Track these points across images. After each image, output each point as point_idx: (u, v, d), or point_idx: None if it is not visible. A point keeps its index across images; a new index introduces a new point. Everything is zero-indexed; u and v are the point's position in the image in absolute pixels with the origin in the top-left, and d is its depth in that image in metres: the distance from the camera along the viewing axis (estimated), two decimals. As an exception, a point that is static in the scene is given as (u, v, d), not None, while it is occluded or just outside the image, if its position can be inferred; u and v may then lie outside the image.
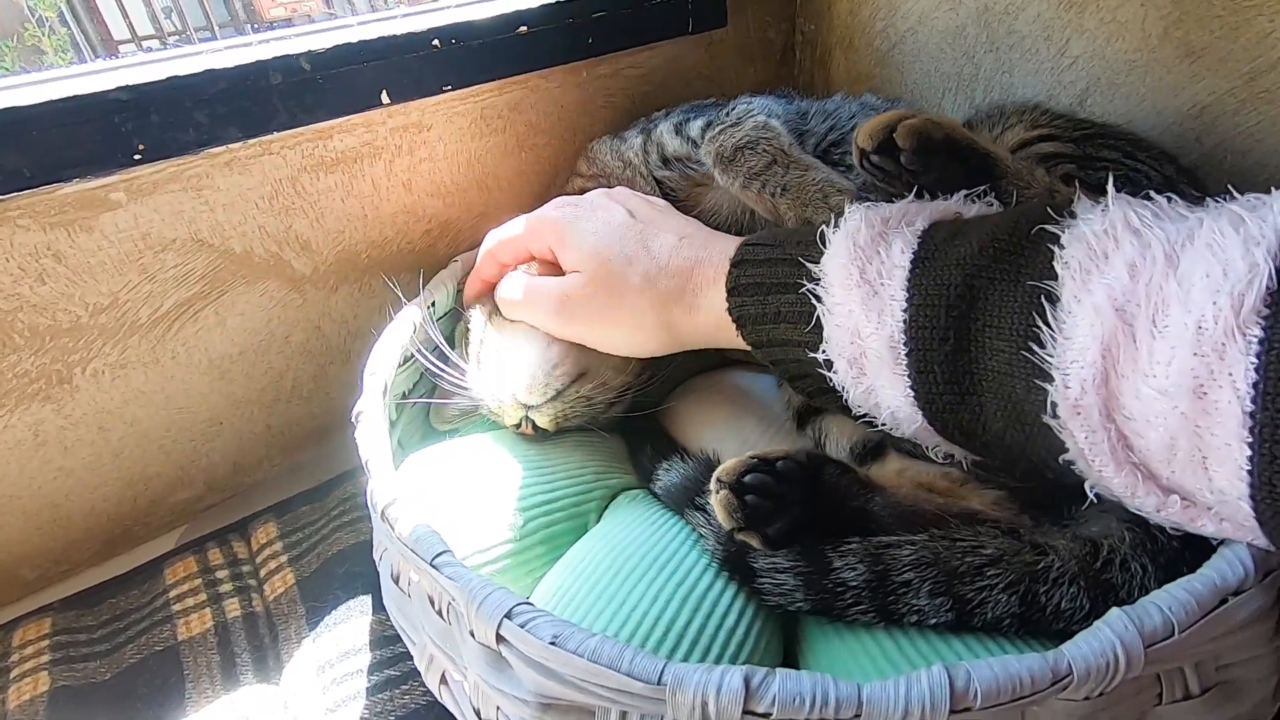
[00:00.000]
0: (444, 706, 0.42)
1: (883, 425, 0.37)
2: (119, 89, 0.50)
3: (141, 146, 0.52)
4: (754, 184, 0.50)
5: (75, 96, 0.49)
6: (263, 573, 0.57)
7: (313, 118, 0.57)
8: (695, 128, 0.58)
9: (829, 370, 0.37)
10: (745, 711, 0.26)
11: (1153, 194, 0.30)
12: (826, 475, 0.40)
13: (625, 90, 0.75)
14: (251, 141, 0.56)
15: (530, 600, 0.31)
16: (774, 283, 0.39)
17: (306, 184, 0.60)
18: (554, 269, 0.50)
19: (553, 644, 0.28)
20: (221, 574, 0.57)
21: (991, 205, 0.37)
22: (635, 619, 0.36)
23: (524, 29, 0.64)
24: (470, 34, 0.61)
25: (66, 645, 0.52)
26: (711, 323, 0.43)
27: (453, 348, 0.54)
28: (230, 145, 0.56)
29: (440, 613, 0.36)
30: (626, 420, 0.55)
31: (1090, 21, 0.62)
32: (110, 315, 0.56)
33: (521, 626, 0.29)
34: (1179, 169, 0.49)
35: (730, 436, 0.53)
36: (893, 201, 0.41)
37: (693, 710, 0.27)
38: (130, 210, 0.54)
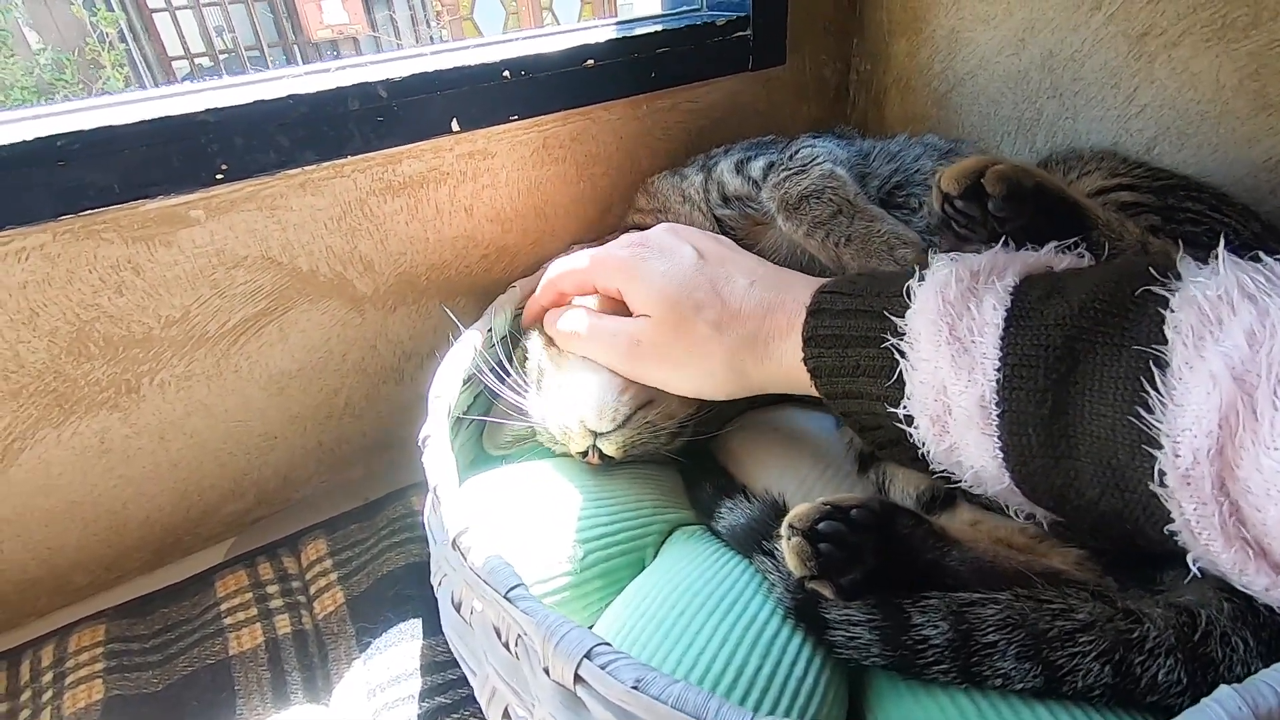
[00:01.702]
0: (496, 738, 0.42)
1: (961, 483, 0.36)
2: (206, 111, 0.52)
3: (224, 167, 0.53)
4: (818, 233, 0.50)
5: (165, 117, 0.51)
6: (313, 590, 0.57)
7: (385, 143, 0.59)
8: (757, 168, 0.58)
9: (908, 426, 0.36)
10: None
11: (1262, 255, 0.30)
12: (900, 526, 0.39)
13: (682, 124, 0.76)
14: (326, 164, 0.58)
15: (609, 641, 0.30)
16: (854, 335, 0.38)
17: (374, 206, 0.62)
18: (617, 305, 0.50)
19: (635, 688, 0.28)
20: (272, 589, 0.57)
21: (1083, 257, 0.37)
22: (704, 661, 0.35)
23: (591, 62, 0.65)
24: (539, 66, 0.62)
25: (120, 654, 0.52)
26: (784, 371, 0.42)
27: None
28: (306, 167, 0.57)
29: (507, 645, 0.35)
30: (681, 454, 0.55)
31: (1161, 71, 0.62)
32: (180, 328, 0.57)
33: (602, 669, 0.29)
34: (1264, 226, 0.48)
35: (788, 476, 0.52)
36: (965, 250, 0.41)
37: (780, 766, 0.26)
38: (208, 227, 0.56)
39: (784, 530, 0.38)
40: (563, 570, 0.44)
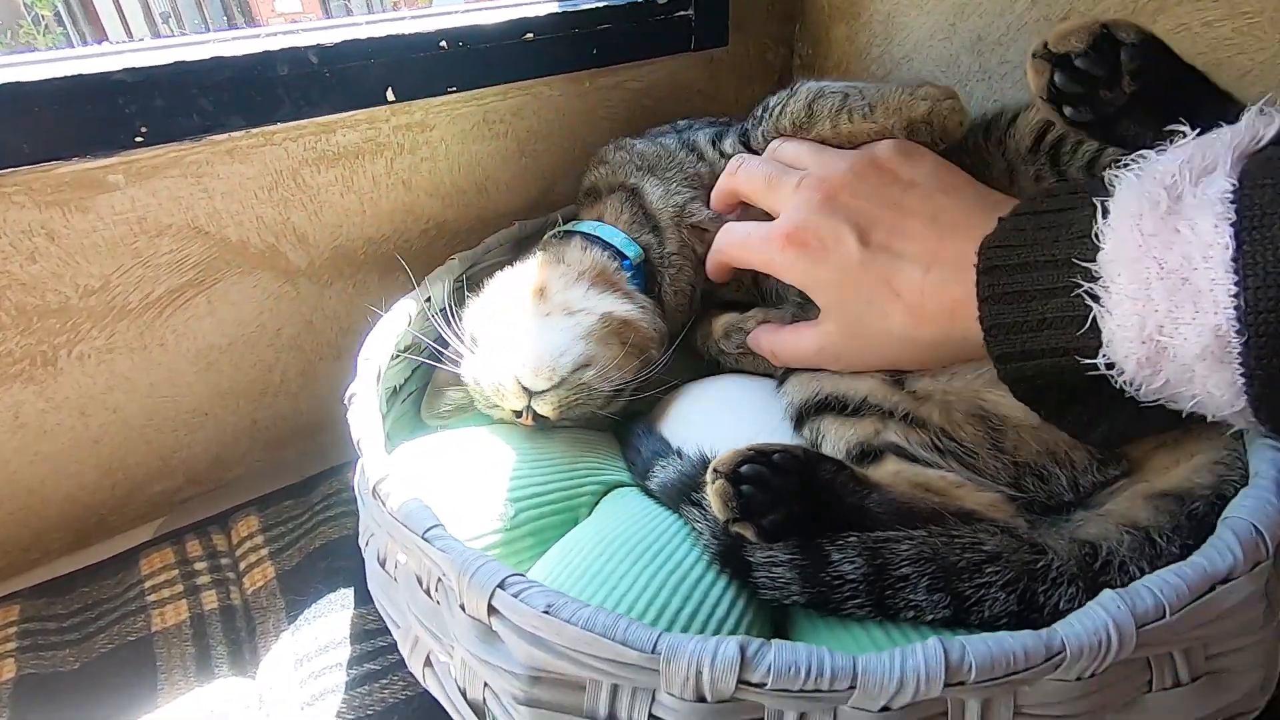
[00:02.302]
0: (424, 699, 0.41)
1: (1183, 411, 0.33)
2: (123, 70, 0.50)
3: (143, 129, 0.52)
4: (842, 117, 0.50)
5: (78, 76, 0.49)
6: (242, 565, 0.55)
7: (317, 111, 0.58)
8: (728, 144, 0.59)
9: (1110, 371, 0.32)
10: (740, 681, 0.26)
11: None
12: (823, 471, 0.40)
13: (626, 101, 0.77)
14: (255, 131, 0.57)
15: (524, 574, 0.30)
16: (1038, 289, 0.34)
17: (307, 176, 0.61)
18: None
19: (546, 613, 0.28)
20: (200, 565, 0.55)
21: None
22: (626, 604, 0.36)
23: (530, 36, 0.65)
24: (477, 38, 0.62)
25: (35, 633, 0.50)
26: (972, 344, 0.38)
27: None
28: (233, 134, 0.56)
29: (428, 591, 0.35)
30: (620, 419, 0.55)
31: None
32: (100, 298, 0.56)
33: (515, 596, 0.29)
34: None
35: (724, 437, 0.52)
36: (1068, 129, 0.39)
37: (686, 680, 0.26)
38: (128, 193, 0.54)
39: (708, 475, 0.38)
40: (493, 528, 0.43)
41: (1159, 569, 0.33)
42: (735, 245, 0.51)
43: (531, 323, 0.51)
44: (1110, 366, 0.32)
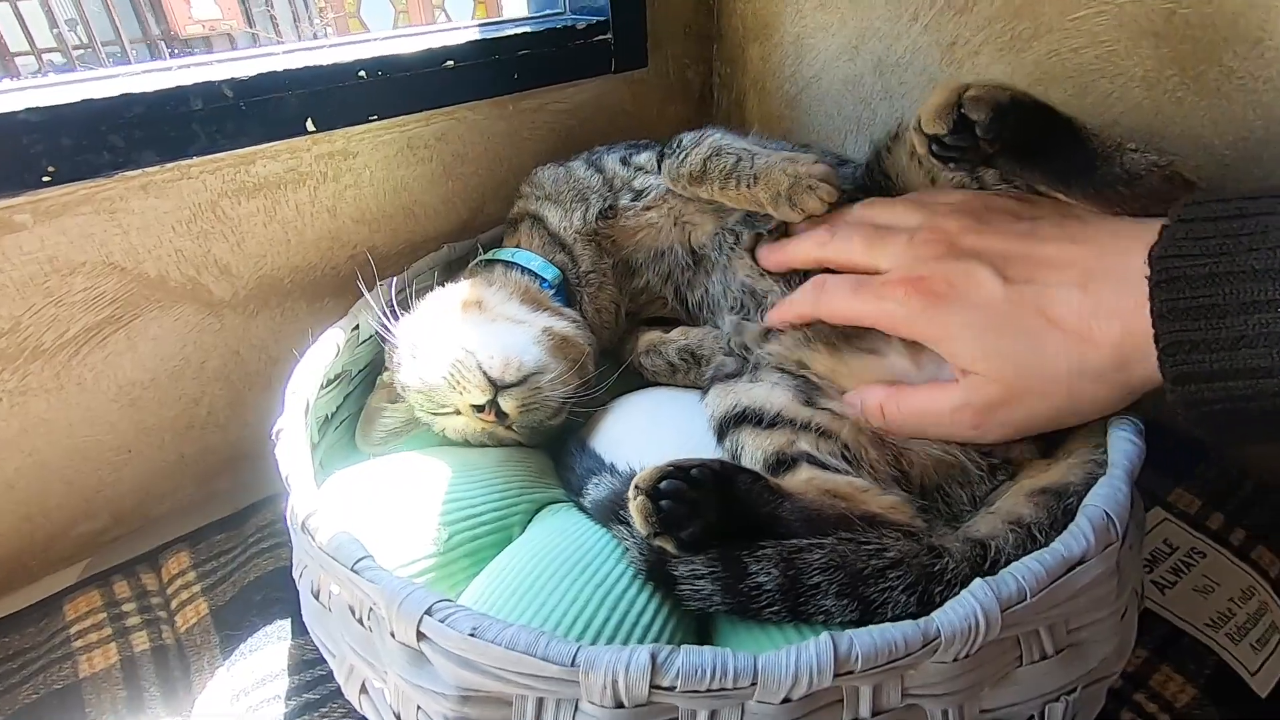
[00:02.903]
0: (365, 723, 0.42)
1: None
2: (27, 110, 0.49)
3: (51, 169, 0.51)
4: (729, 184, 0.53)
5: (-20, 115, 0.48)
6: (174, 604, 0.55)
7: (235, 143, 0.58)
8: (642, 159, 0.62)
9: None
10: (653, 686, 0.28)
11: None
12: (739, 483, 0.43)
13: (550, 124, 0.79)
14: (169, 165, 0.56)
15: (452, 600, 0.32)
16: (1236, 302, 0.31)
17: (227, 208, 0.60)
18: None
19: (472, 635, 0.30)
20: (128, 607, 0.54)
21: None
22: (554, 619, 0.38)
23: (451, 63, 0.66)
24: (396, 66, 0.63)
25: (-49, 689, 0.48)
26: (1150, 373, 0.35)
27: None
28: (146, 169, 0.55)
29: (361, 620, 0.36)
30: (553, 437, 0.57)
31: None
32: (10, 340, 0.54)
33: (442, 622, 0.31)
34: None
35: (651, 450, 0.55)
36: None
37: (604, 689, 0.28)
38: (36, 232, 0.53)
39: (630, 492, 0.40)
40: (427, 552, 0.45)
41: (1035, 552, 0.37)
42: (840, 299, 0.44)
43: (484, 326, 0.53)
44: None
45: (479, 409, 0.51)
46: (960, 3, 0.67)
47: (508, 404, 0.50)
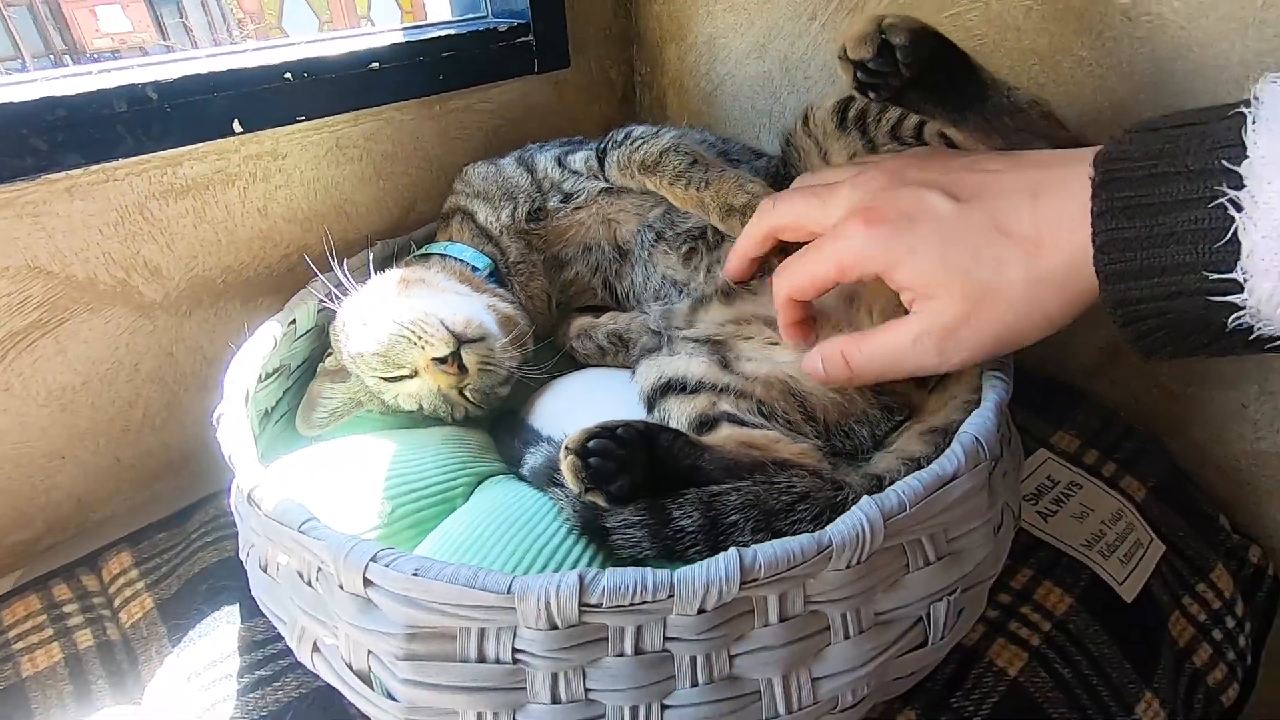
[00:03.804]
0: (317, 694, 0.44)
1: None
2: (-55, 114, 0.49)
3: (-30, 172, 0.51)
4: (680, 182, 0.57)
5: (-107, 120, 0.48)
6: (116, 602, 0.55)
7: (161, 145, 0.59)
8: (577, 160, 0.65)
9: (1238, 292, 0.30)
10: (581, 605, 0.32)
11: None
12: (662, 440, 0.46)
13: (479, 123, 0.81)
14: (94, 168, 0.57)
15: (393, 547, 0.35)
16: (1169, 200, 0.32)
17: (155, 210, 0.61)
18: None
19: (415, 575, 0.33)
20: (69, 608, 0.54)
21: None
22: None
23: (376, 65, 0.69)
24: (321, 69, 0.65)
25: (-116, 698, 0.48)
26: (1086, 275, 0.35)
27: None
28: (71, 172, 0.56)
29: (310, 582, 0.38)
30: (493, 417, 0.60)
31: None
32: (-68, 347, 0.54)
33: (387, 566, 0.33)
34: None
35: (586, 422, 0.58)
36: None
37: (538, 612, 0.32)
38: (-44, 237, 0.53)
39: (561, 453, 0.44)
40: (372, 525, 0.47)
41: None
42: (800, 268, 0.44)
43: (435, 296, 0.56)
44: (1238, 288, 0.30)
45: (441, 361, 0.53)
46: (852, 2, 0.73)
47: (469, 358, 0.53)
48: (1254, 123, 0.31)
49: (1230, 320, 0.31)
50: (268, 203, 0.67)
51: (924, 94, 0.49)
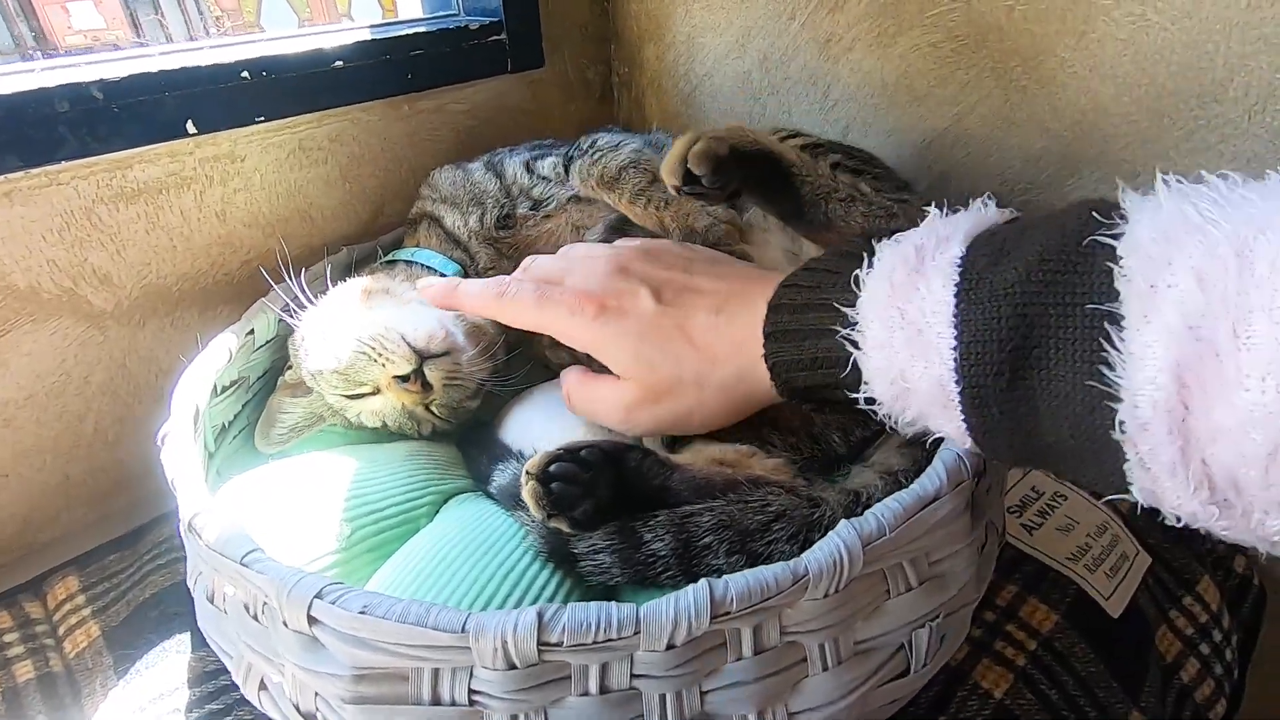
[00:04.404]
0: (270, 727, 0.42)
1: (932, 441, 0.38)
2: None
3: (-102, 175, 0.48)
4: (639, 200, 0.56)
5: None
6: (61, 630, 0.52)
7: (108, 147, 0.56)
8: (546, 166, 0.63)
9: (871, 407, 0.36)
10: (541, 644, 0.30)
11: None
12: (630, 459, 0.44)
13: (450, 124, 0.79)
14: (35, 171, 0.54)
15: (342, 582, 0.32)
16: (810, 329, 0.37)
17: (104, 215, 0.58)
18: None
19: (362, 613, 0.30)
20: (10, 638, 0.51)
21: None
22: (455, 599, 0.38)
23: (339, 64, 0.66)
24: (281, 67, 0.62)
25: None
26: (774, 391, 0.41)
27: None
28: (9, 175, 0.53)
29: (255, 616, 0.36)
30: (462, 430, 0.57)
31: (844, 71, 0.75)
32: None
33: (332, 603, 0.31)
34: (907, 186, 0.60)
35: (558, 436, 0.56)
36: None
37: (495, 652, 0.30)
38: (-116, 244, 0.50)
39: (523, 478, 0.41)
40: (330, 549, 0.44)
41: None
42: (522, 304, 0.48)
43: (398, 309, 0.54)
44: (871, 402, 0.36)
45: (404, 380, 0.51)
46: (832, 1, 0.71)
47: (433, 374, 0.51)
48: (868, 268, 0.35)
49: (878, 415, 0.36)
50: (226, 207, 0.65)
51: (758, 198, 0.52)
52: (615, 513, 0.42)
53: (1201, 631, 0.54)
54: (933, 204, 0.37)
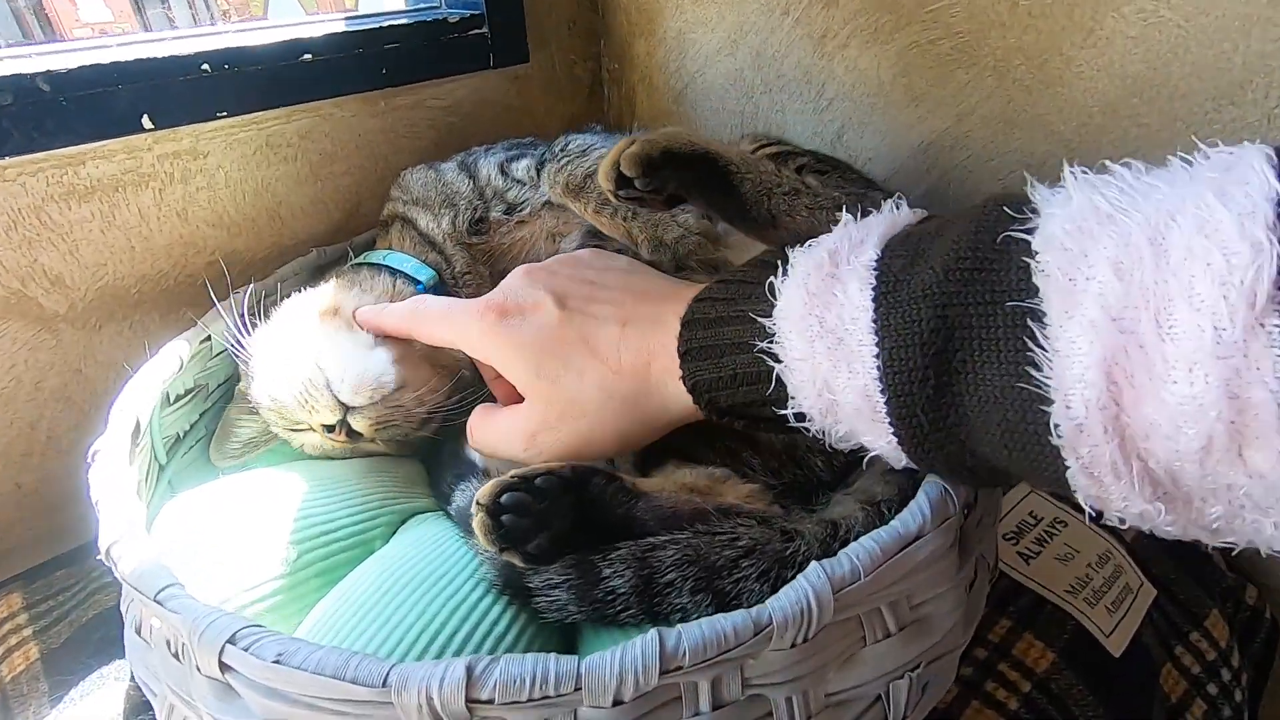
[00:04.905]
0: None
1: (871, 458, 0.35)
2: None
3: None
4: (605, 209, 0.53)
5: None
6: (0, 650, 0.49)
7: (57, 142, 0.53)
8: (521, 168, 0.60)
9: (802, 423, 0.34)
10: (469, 700, 0.27)
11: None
12: (593, 485, 0.41)
13: (429, 121, 0.76)
14: (-22, 167, 0.51)
15: (261, 625, 0.30)
16: (727, 343, 0.35)
17: (54, 214, 0.55)
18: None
19: (276, 662, 0.27)
20: (-55, 658, 0.49)
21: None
22: (397, 635, 0.35)
23: (308, 57, 0.63)
24: (245, 59, 0.59)
25: None
26: (689, 410, 0.39)
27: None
28: (-49, 171, 0.50)
29: (176, 655, 0.33)
30: (428, 445, 0.54)
31: (839, 69, 0.71)
32: None
33: (245, 650, 0.28)
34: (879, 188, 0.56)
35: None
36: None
37: (420, 708, 0.27)
38: None
39: (472, 508, 0.38)
40: (274, 574, 0.42)
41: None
42: (432, 319, 0.46)
43: (339, 338, 0.50)
44: (801, 418, 0.34)
45: (330, 429, 0.48)
46: (826, -4, 0.68)
47: (360, 424, 0.48)
48: (784, 275, 0.34)
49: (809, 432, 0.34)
50: (188, 205, 0.62)
51: (697, 202, 0.48)
52: (575, 543, 0.39)
53: (1209, 670, 0.51)
54: (850, 210, 0.36)
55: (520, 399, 0.44)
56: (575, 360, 0.40)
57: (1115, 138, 0.56)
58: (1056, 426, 0.25)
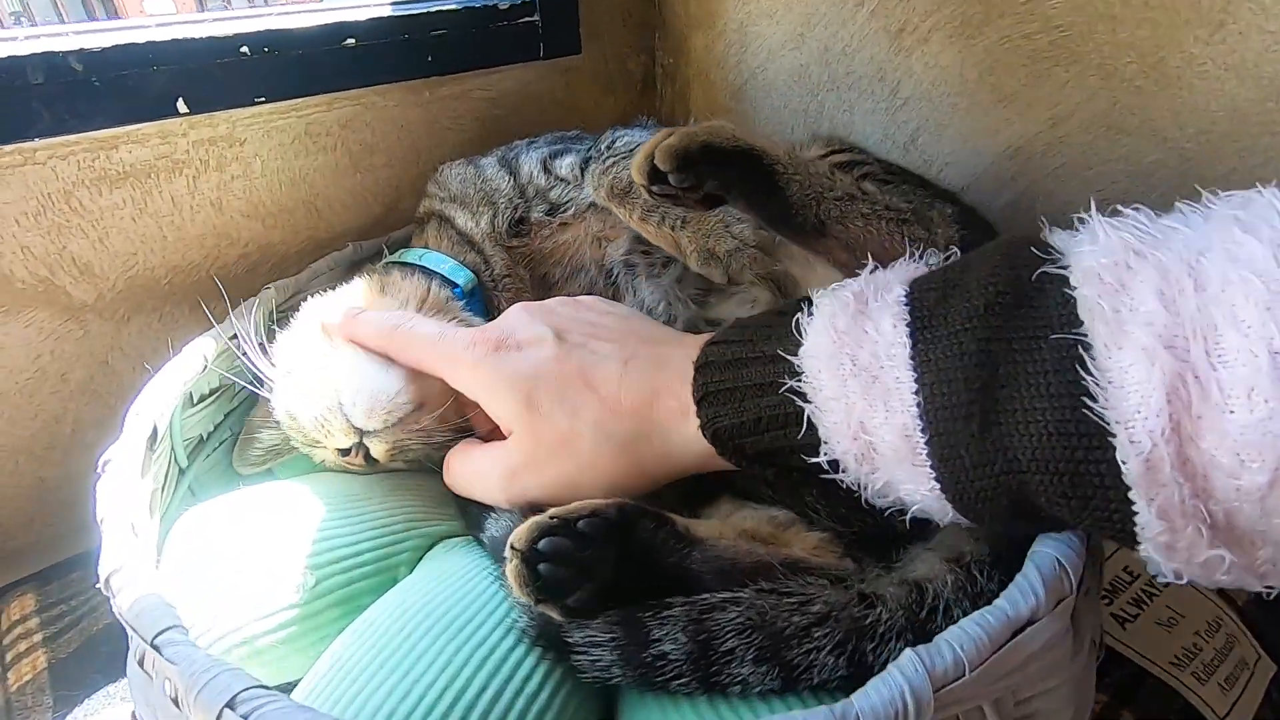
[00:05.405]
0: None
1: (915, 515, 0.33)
2: None
3: None
4: (652, 217, 0.49)
5: None
6: (9, 656, 0.47)
7: (89, 125, 0.51)
8: (564, 166, 0.56)
9: (837, 472, 0.32)
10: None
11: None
12: (641, 530, 0.36)
13: (474, 113, 0.72)
14: (8, 149, 0.49)
15: (265, 687, 0.26)
16: (749, 384, 0.33)
17: (85, 199, 0.53)
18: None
19: (276, 736, 0.24)
20: (-46, 662, 0.47)
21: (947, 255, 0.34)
22: (419, 689, 0.31)
23: (351, 41, 0.60)
24: (286, 43, 0.56)
25: None
26: (694, 458, 0.37)
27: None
28: (-20, 152, 0.48)
29: (175, 700, 0.30)
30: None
31: (917, 65, 0.65)
32: None
33: (244, 717, 0.24)
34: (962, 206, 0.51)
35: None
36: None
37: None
38: None
39: (506, 552, 0.34)
40: (288, 602, 0.38)
41: (979, 606, 0.32)
42: (418, 344, 0.43)
43: (353, 351, 0.46)
44: (836, 467, 0.32)
45: (345, 453, 0.44)
46: (907, -14, 0.62)
47: (376, 448, 0.44)
48: (808, 315, 0.33)
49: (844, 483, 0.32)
50: (222, 194, 0.59)
51: (743, 202, 0.45)
52: (620, 594, 0.34)
53: (1335, 762, 0.44)
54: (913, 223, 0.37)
55: (503, 436, 0.41)
56: (571, 395, 0.38)
57: (1244, 147, 0.49)
58: (1124, 464, 0.24)
